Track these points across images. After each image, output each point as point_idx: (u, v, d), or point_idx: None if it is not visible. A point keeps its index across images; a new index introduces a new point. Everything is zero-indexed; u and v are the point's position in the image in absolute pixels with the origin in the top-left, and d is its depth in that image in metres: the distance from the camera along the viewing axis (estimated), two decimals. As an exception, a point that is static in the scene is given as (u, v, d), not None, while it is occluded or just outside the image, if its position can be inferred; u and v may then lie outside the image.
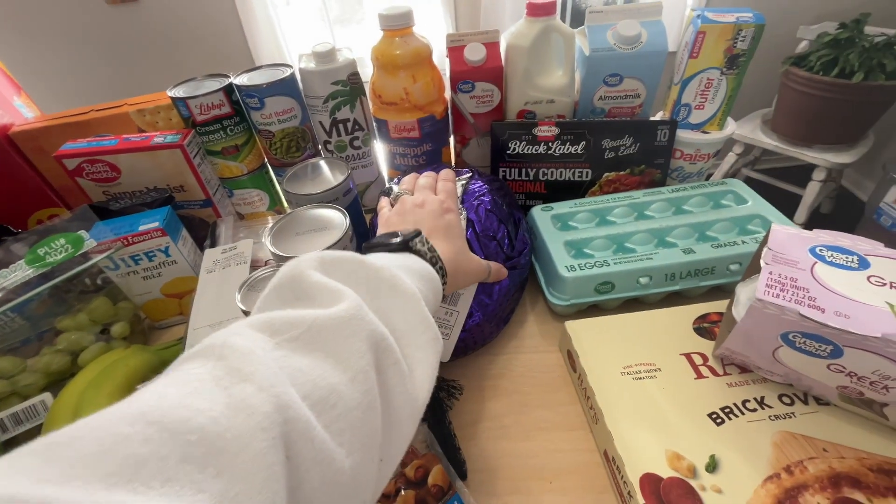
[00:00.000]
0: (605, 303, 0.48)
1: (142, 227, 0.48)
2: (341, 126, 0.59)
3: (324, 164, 0.53)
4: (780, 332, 0.31)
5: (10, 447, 0.41)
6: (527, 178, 0.59)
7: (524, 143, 0.56)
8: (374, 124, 0.61)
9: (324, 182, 0.49)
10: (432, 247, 0.31)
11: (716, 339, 0.40)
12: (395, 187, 0.46)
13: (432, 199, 0.37)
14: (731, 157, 1.69)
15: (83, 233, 0.46)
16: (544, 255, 0.50)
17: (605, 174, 0.57)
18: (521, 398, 0.43)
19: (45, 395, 0.43)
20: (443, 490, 0.33)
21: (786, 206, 0.52)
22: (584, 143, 0.55)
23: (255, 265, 0.50)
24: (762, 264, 0.33)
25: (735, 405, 0.35)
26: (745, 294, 0.36)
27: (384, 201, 0.42)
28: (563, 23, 0.54)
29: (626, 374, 0.38)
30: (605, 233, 0.50)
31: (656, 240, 0.49)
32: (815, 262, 0.32)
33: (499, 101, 0.58)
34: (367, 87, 0.59)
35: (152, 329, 0.55)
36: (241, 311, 0.36)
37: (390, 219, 0.37)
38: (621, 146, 0.55)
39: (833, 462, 0.31)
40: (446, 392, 0.42)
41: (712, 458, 0.32)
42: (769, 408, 0.35)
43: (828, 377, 0.32)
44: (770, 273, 0.32)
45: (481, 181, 0.49)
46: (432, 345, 0.25)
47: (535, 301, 0.52)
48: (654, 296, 0.47)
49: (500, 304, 0.45)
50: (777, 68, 1.48)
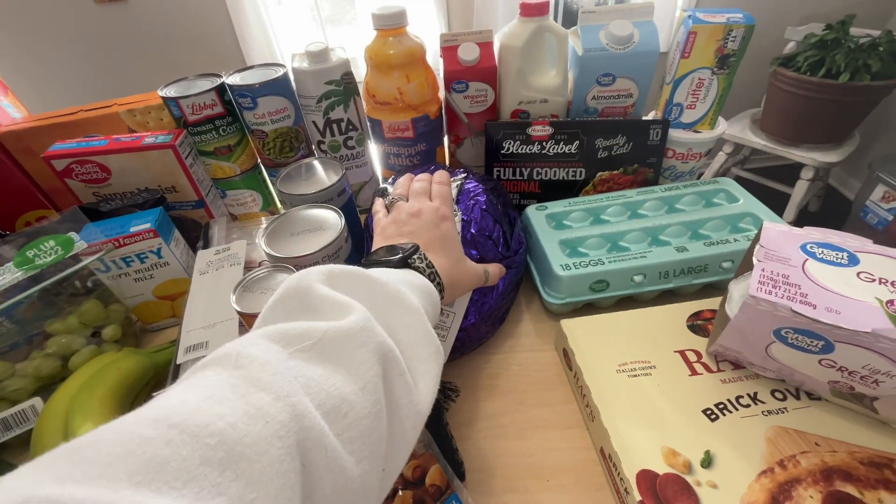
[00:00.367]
0: (600, 301, 0.48)
1: (133, 229, 0.47)
2: (335, 126, 0.58)
3: (318, 164, 0.53)
4: (773, 328, 0.32)
5: (0, 453, 0.41)
6: (521, 178, 0.59)
7: (518, 142, 0.57)
8: (368, 124, 0.61)
9: (318, 182, 0.49)
10: (430, 262, 0.32)
11: (709, 336, 0.40)
12: (389, 188, 0.46)
13: (428, 206, 0.37)
14: (720, 157, 1.71)
15: (73, 234, 0.45)
16: (539, 254, 0.50)
17: (599, 173, 0.58)
18: (518, 397, 0.43)
19: (35, 400, 0.42)
20: (441, 490, 0.33)
21: (774, 205, 0.52)
22: (577, 142, 0.56)
23: (249, 266, 0.49)
24: (755, 262, 0.33)
25: (729, 401, 0.36)
26: (738, 291, 0.36)
27: (379, 204, 0.42)
28: (556, 23, 0.54)
29: (622, 371, 0.39)
30: (600, 231, 0.50)
31: (650, 238, 0.50)
32: (807, 259, 0.33)
33: (493, 100, 0.58)
34: (360, 87, 0.59)
35: (144, 332, 0.54)
36: (235, 311, 0.36)
37: (386, 228, 0.36)
38: (614, 145, 0.56)
39: (825, 456, 0.32)
40: (443, 393, 0.42)
41: (707, 453, 0.32)
42: (762, 403, 0.35)
43: (819, 372, 0.32)
44: (762, 270, 0.32)
45: (476, 181, 0.49)
46: (435, 358, 0.26)
47: (531, 300, 0.52)
48: (648, 294, 0.48)
49: (496, 303, 0.45)
50: (765, 69, 1.50)
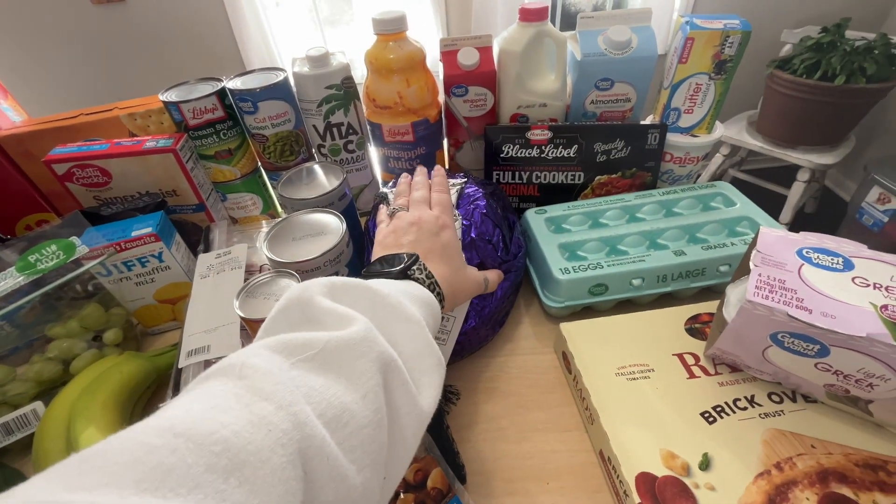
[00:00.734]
0: (599, 304, 0.48)
1: (135, 233, 0.47)
2: (335, 130, 0.59)
3: (318, 168, 0.53)
4: (770, 332, 0.32)
5: (1, 457, 0.41)
6: (520, 182, 0.60)
7: (517, 146, 0.57)
8: (368, 128, 0.61)
9: (319, 186, 0.49)
10: (430, 273, 0.32)
11: (707, 340, 0.41)
12: (390, 193, 0.47)
13: (428, 215, 0.37)
14: (717, 159, 1.72)
15: (75, 239, 0.45)
16: (538, 257, 0.50)
17: (597, 177, 0.58)
18: (517, 400, 0.43)
19: (37, 404, 0.42)
20: (442, 493, 0.33)
21: (771, 206, 0.53)
22: (576, 146, 0.56)
23: (250, 270, 0.50)
24: (751, 266, 0.34)
25: (726, 404, 0.36)
26: (735, 295, 0.37)
27: (383, 213, 0.41)
28: (555, 28, 0.54)
29: (621, 374, 0.39)
30: (598, 235, 0.51)
31: (648, 242, 0.50)
32: (803, 264, 0.33)
33: (492, 105, 0.58)
34: (360, 90, 0.59)
35: (145, 335, 0.54)
36: (239, 317, 0.36)
37: (386, 238, 0.36)
38: (613, 149, 0.56)
39: (821, 458, 0.32)
40: (444, 396, 0.42)
41: (705, 456, 0.33)
42: (759, 406, 0.36)
43: (815, 376, 0.32)
44: (759, 275, 0.33)
45: (475, 185, 0.49)
46: (437, 370, 0.26)
47: (530, 303, 0.53)
48: (647, 297, 0.48)
49: (496, 306, 0.45)
50: (762, 71, 1.51)
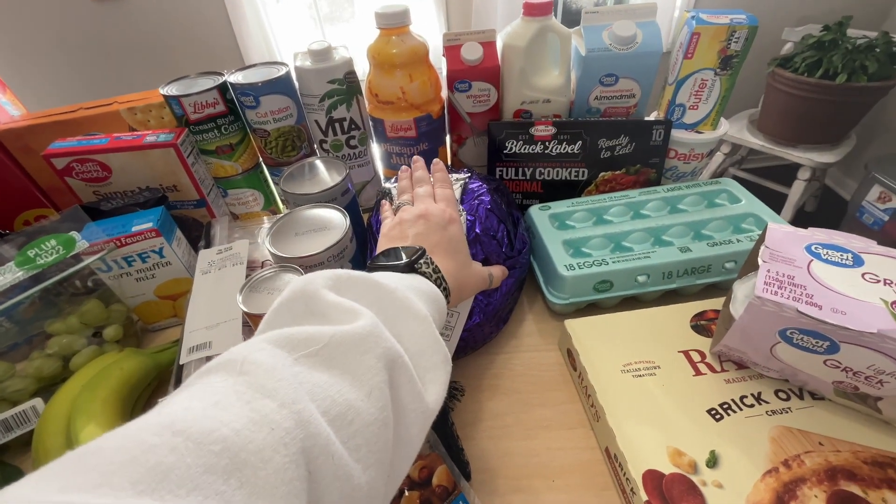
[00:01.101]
0: (604, 301, 0.48)
1: (135, 228, 0.47)
2: (337, 125, 0.58)
3: (320, 163, 0.52)
4: (778, 328, 0.32)
5: (1, 454, 0.40)
6: (523, 178, 0.59)
7: (521, 142, 0.57)
8: (371, 123, 0.61)
9: (322, 182, 0.49)
10: (437, 267, 0.31)
11: (713, 337, 0.41)
12: (392, 188, 0.46)
13: (434, 209, 0.36)
14: (718, 157, 1.72)
15: (75, 234, 0.45)
16: (543, 254, 0.50)
17: (601, 173, 0.58)
18: (522, 397, 0.43)
19: (36, 401, 0.42)
20: (447, 490, 0.33)
21: (771, 205, 0.52)
22: (580, 142, 0.56)
23: (251, 266, 0.49)
24: (760, 262, 0.33)
25: (733, 401, 0.36)
26: (743, 291, 0.36)
27: (387, 209, 0.41)
28: (559, 23, 0.54)
29: (626, 371, 0.39)
30: (603, 232, 0.50)
31: (653, 238, 0.50)
32: (812, 260, 0.33)
33: (495, 100, 0.58)
34: (362, 86, 0.58)
35: (145, 332, 0.54)
36: (242, 312, 0.35)
37: (391, 230, 0.36)
38: (617, 146, 0.56)
39: (829, 455, 0.32)
40: (448, 393, 0.42)
41: (712, 453, 0.32)
42: (766, 403, 0.36)
43: (824, 372, 0.32)
44: (768, 271, 0.32)
45: (479, 180, 0.49)
46: (443, 366, 0.25)
47: (534, 300, 0.52)
48: (652, 294, 0.48)
49: (500, 303, 0.45)
50: (763, 69, 1.51)
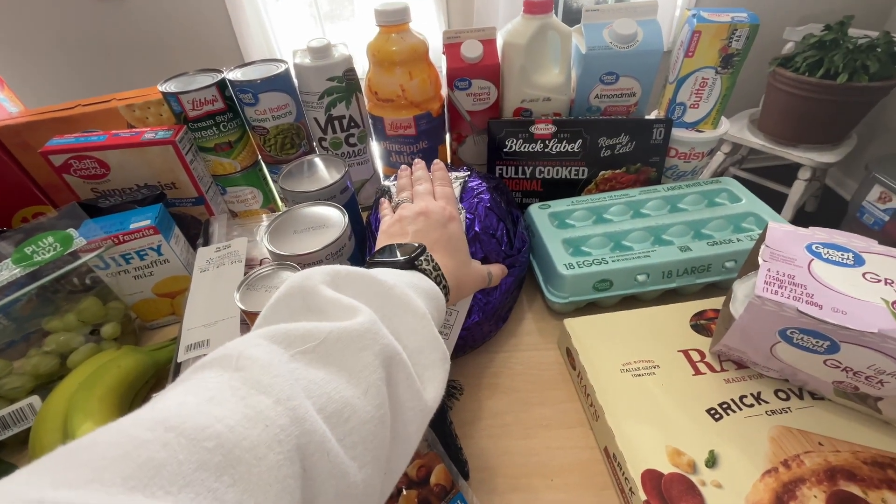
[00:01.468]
0: (603, 300, 0.48)
1: (133, 225, 0.46)
2: (336, 123, 0.58)
3: (319, 161, 0.52)
4: (778, 328, 0.32)
5: (-2, 452, 0.40)
6: (523, 176, 0.59)
7: (521, 140, 0.56)
8: (370, 121, 0.60)
9: (320, 179, 0.49)
10: (437, 265, 0.31)
11: (713, 336, 0.40)
12: (392, 186, 0.46)
13: (435, 206, 0.36)
14: (718, 156, 1.72)
15: (72, 231, 0.45)
16: (542, 252, 0.50)
17: (601, 172, 0.57)
18: (521, 396, 0.43)
19: (33, 398, 0.42)
20: (445, 490, 0.33)
21: (772, 205, 0.52)
22: (580, 141, 0.55)
23: (250, 264, 0.49)
24: (760, 262, 0.33)
25: (732, 401, 0.36)
26: (743, 291, 0.36)
27: (386, 207, 0.41)
28: (559, 21, 0.54)
29: (625, 371, 0.39)
30: (603, 231, 0.50)
31: (653, 237, 0.50)
32: (812, 260, 0.33)
33: (495, 98, 0.57)
34: (361, 84, 0.58)
35: (143, 329, 0.53)
36: (239, 309, 0.35)
37: (391, 227, 0.36)
38: (617, 144, 0.55)
39: (829, 456, 0.32)
40: (447, 392, 0.42)
41: (711, 453, 0.32)
42: (766, 403, 0.35)
43: (824, 372, 0.32)
44: (768, 270, 0.32)
45: (479, 179, 0.49)
46: (441, 364, 0.25)
47: (533, 299, 0.52)
48: (651, 293, 0.48)
49: (499, 302, 0.45)
50: (764, 69, 1.50)
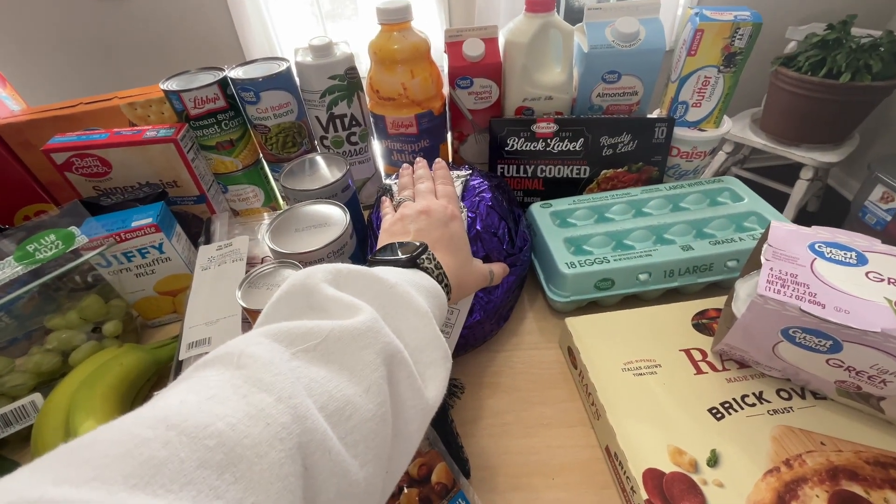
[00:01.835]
0: (605, 299, 0.48)
1: (135, 224, 0.46)
2: (338, 121, 0.58)
3: (321, 159, 0.52)
4: (781, 327, 0.31)
5: (0, 449, 0.40)
6: (525, 175, 0.59)
7: (522, 139, 0.56)
8: (372, 120, 0.60)
9: (322, 178, 0.49)
10: (439, 263, 0.31)
11: (714, 335, 0.40)
12: (393, 185, 0.46)
13: (436, 205, 0.36)
14: (720, 156, 1.72)
15: (74, 229, 0.45)
16: (544, 251, 0.50)
17: (603, 171, 0.57)
18: (522, 395, 0.43)
19: (35, 396, 0.42)
20: (446, 488, 0.33)
21: (774, 204, 0.52)
22: (582, 140, 0.55)
23: (251, 262, 0.49)
24: (763, 261, 0.33)
25: (734, 400, 0.36)
26: (745, 290, 0.36)
27: (387, 205, 0.41)
28: (561, 19, 0.53)
29: (627, 370, 0.39)
30: (604, 230, 0.50)
31: (655, 237, 0.50)
32: (815, 259, 0.32)
33: (497, 97, 0.57)
34: (363, 82, 0.58)
35: (145, 328, 0.54)
36: (241, 308, 0.35)
37: (393, 226, 0.35)
38: (619, 143, 0.55)
39: (831, 455, 0.32)
40: (448, 390, 0.42)
41: (713, 452, 0.32)
42: (767, 402, 0.35)
43: (826, 372, 0.32)
44: (771, 269, 0.32)
45: (481, 177, 0.49)
46: (443, 363, 0.25)
47: (534, 298, 0.52)
48: (653, 292, 0.48)
49: (501, 300, 0.45)
50: (766, 68, 1.50)
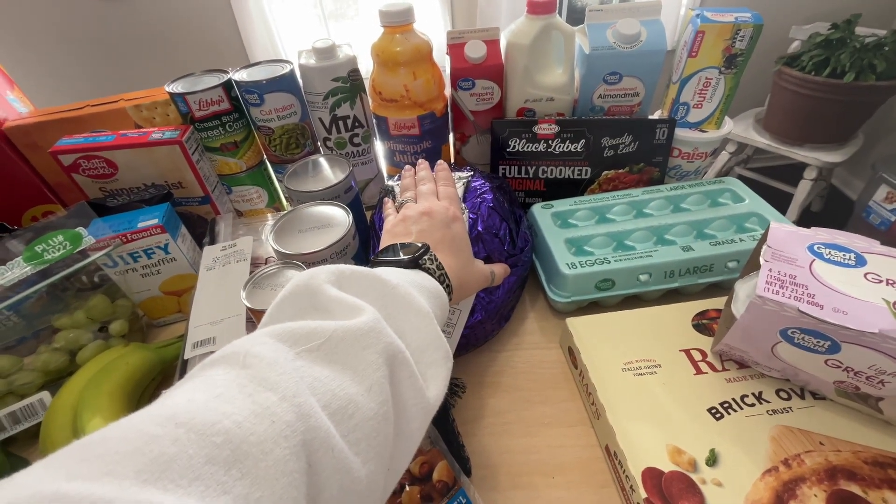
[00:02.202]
0: (605, 300, 0.48)
1: (141, 224, 0.47)
2: (341, 123, 0.58)
3: (324, 161, 0.53)
4: (780, 328, 0.32)
5: (8, 446, 0.41)
6: (526, 176, 0.59)
7: (524, 140, 0.57)
8: (374, 121, 0.61)
9: (325, 179, 0.49)
10: (440, 264, 0.31)
11: (714, 336, 0.41)
12: (396, 186, 0.46)
13: (438, 206, 0.36)
14: (724, 156, 1.71)
15: (82, 230, 0.45)
16: (545, 252, 0.50)
17: (605, 172, 0.58)
18: (523, 394, 0.43)
19: (43, 394, 0.42)
20: (447, 486, 0.33)
21: (777, 205, 0.52)
22: (583, 141, 0.56)
23: (255, 262, 0.50)
24: (762, 262, 0.33)
25: (734, 400, 0.36)
26: (745, 291, 0.36)
27: (390, 207, 0.41)
28: (563, 21, 0.54)
29: (627, 370, 0.39)
30: (605, 230, 0.50)
31: (655, 237, 0.50)
32: (814, 260, 0.33)
33: (499, 98, 0.58)
34: (366, 84, 0.59)
35: (150, 327, 0.54)
36: (245, 308, 0.36)
37: (395, 227, 0.36)
38: (620, 144, 0.56)
39: (829, 455, 0.32)
40: (449, 389, 0.42)
41: (712, 452, 0.33)
42: (766, 402, 0.36)
43: (825, 372, 0.32)
44: (770, 270, 0.32)
45: (482, 178, 0.49)
46: (444, 363, 0.26)
47: (535, 298, 0.53)
48: (654, 293, 0.48)
49: (502, 301, 0.45)
50: (770, 68, 1.50)
